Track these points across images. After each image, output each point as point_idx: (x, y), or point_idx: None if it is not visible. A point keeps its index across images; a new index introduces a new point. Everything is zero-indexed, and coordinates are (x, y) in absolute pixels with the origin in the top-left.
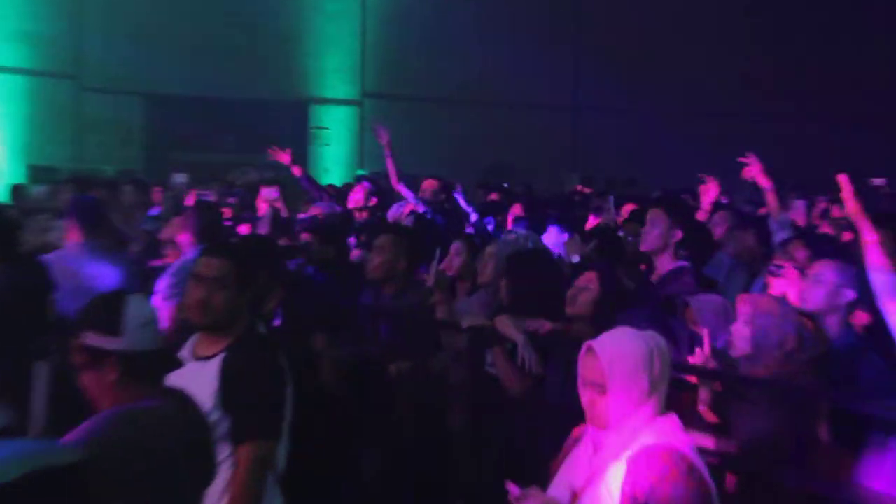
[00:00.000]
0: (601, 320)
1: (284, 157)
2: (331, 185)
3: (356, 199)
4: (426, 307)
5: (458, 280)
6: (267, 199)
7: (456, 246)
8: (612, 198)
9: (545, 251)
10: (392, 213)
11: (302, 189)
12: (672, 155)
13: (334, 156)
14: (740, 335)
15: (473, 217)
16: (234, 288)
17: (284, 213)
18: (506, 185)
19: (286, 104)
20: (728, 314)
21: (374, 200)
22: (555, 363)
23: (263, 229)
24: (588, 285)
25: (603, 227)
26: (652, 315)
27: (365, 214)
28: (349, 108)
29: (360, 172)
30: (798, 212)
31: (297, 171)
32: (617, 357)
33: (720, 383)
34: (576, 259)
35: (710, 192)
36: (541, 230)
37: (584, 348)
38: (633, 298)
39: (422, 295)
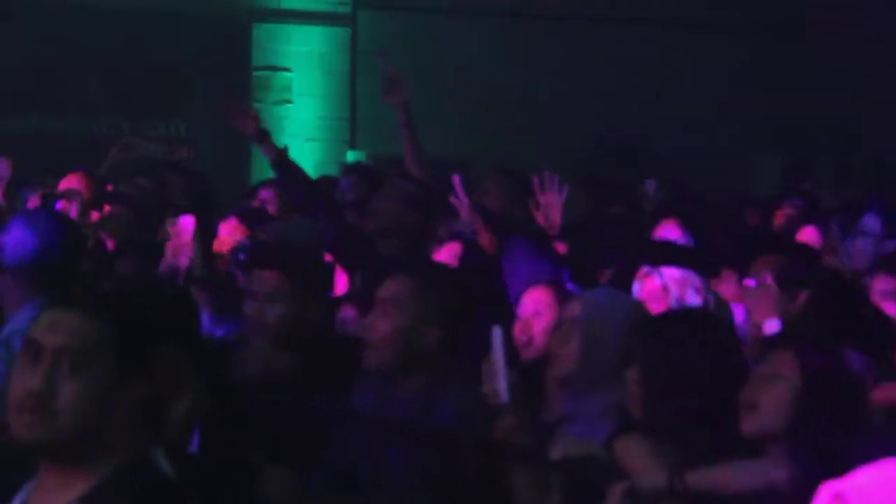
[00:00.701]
0: (813, 444)
1: (246, 125)
2: (324, 179)
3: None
4: (484, 427)
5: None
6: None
7: (538, 297)
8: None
9: (713, 313)
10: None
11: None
12: None
13: (301, 123)
14: None
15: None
16: (107, 376)
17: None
18: (651, 184)
19: (209, 24)
20: None
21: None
22: None
23: (173, 261)
24: (779, 374)
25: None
26: None
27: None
28: (327, 31)
29: (354, 157)
30: None
31: (270, 151)
32: None
33: None
34: (773, 326)
35: None
36: (709, 270)
37: (824, 499)
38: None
39: (474, 397)
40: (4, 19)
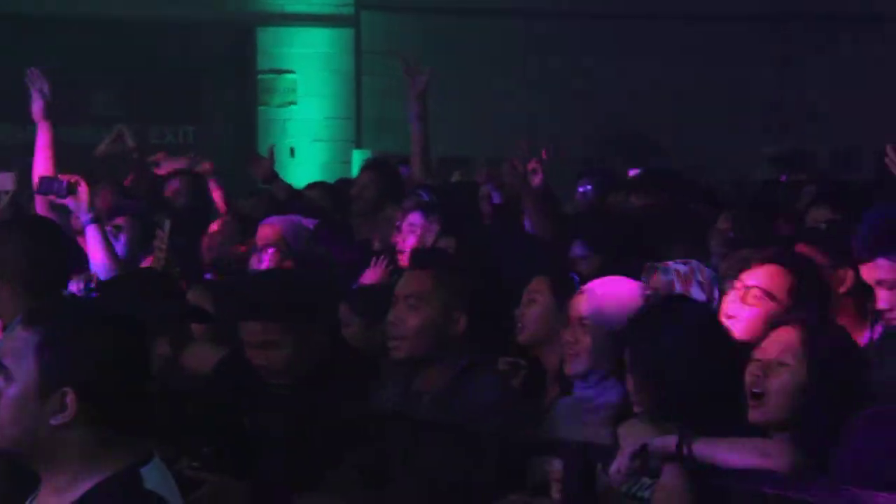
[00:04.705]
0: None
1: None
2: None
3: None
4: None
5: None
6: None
7: (533, 285)
8: None
9: (696, 300)
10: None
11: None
12: None
13: (306, 124)
14: None
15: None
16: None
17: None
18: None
19: (214, 29)
20: None
21: (432, 231)
22: None
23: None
24: (783, 361)
25: None
26: None
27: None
28: (331, 33)
29: (360, 156)
30: None
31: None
32: None
33: None
34: None
35: None
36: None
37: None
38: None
39: (498, 386)
40: (10, 29)
